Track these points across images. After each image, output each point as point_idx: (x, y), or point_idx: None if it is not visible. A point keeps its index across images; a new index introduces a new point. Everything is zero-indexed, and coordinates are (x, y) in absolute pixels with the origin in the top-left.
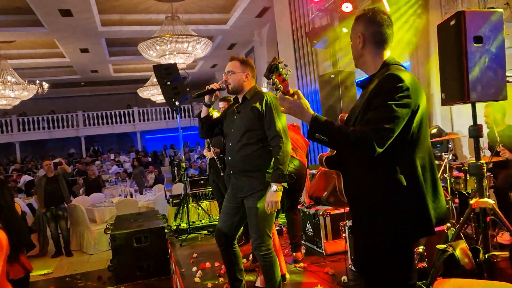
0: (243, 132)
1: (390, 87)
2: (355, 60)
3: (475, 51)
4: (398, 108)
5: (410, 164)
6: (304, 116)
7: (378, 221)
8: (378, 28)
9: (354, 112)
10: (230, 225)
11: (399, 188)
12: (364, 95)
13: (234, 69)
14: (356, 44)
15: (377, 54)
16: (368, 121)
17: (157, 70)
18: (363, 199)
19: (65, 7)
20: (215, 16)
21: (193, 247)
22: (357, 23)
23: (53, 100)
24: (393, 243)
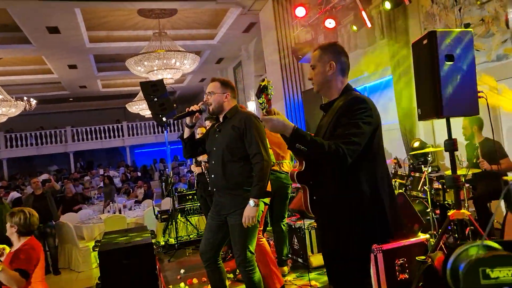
0: (224, 150)
1: (357, 107)
2: (320, 86)
3: (447, 68)
4: (364, 125)
5: (372, 176)
6: (287, 129)
7: (344, 229)
8: (344, 58)
9: (320, 131)
10: (213, 242)
11: (363, 198)
12: (330, 116)
13: (214, 89)
14: (325, 71)
15: (341, 81)
16: (339, 136)
17: (144, 87)
18: (330, 209)
19: (52, 24)
20: (202, 31)
21: (180, 263)
22: (325, 52)
23: (41, 116)
24: (359, 248)
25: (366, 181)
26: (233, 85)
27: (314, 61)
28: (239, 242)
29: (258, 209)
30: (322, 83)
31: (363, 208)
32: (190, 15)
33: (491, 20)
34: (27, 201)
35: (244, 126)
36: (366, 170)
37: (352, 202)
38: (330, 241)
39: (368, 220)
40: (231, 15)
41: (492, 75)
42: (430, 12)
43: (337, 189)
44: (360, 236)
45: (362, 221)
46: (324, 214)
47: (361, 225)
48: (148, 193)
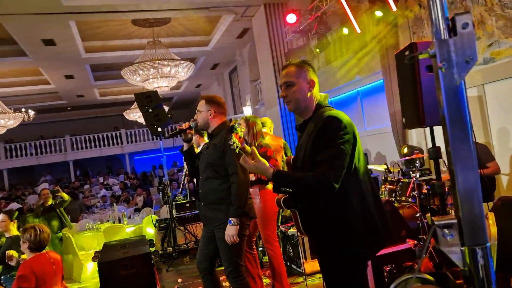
0: (208, 167)
1: (332, 128)
2: (298, 103)
3: (428, 79)
4: (343, 146)
5: (356, 189)
6: (266, 174)
7: (336, 243)
8: (316, 76)
9: (299, 153)
10: (207, 253)
11: (350, 211)
12: (306, 137)
13: (200, 108)
14: (304, 89)
15: (314, 99)
16: (321, 162)
17: (138, 98)
18: (320, 227)
19: (48, 36)
20: (197, 38)
21: (179, 272)
22: (303, 69)
23: (40, 126)
24: (353, 260)
25: (352, 194)
26: (220, 101)
27: (290, 77)
28: (225, 255)
29: (237, 228)
30: (300, 102)
31: (354, 223)
32: (184, 23)
33: (477, 24)
34: (36, 212)
35: (223, 145)
36: (351, 185)
37: (342, 219)
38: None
39: (359, 234)
40: (224, 22)
41: (480, 77)
42: (418, 16)
43: (325, 209)
44: (353, 250)
45: (353, 235)
46: (316, 234)
47: (352, 239)
48: (147, 201)
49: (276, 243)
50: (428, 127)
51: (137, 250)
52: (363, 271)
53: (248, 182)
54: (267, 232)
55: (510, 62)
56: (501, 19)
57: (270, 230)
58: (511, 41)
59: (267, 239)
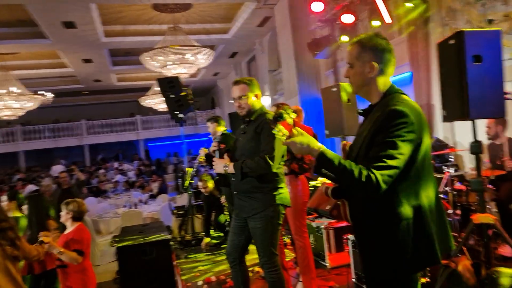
0: (245, 154)
1: (394, 123)
2: (358, 88)
3: (475, 70)
4: (402, 144)
5: (415, 197)
6: (312, 153)
7: (385, 253)
8: (388, 56)
9: (358, 142)
10: (238, 243)
11: (404, 221)
12: (367, 125)
13: (242, 92)
14: (364, 72)
15: (383, 83)
16: (373, 159)
17: (161, 84)
18: (369, 230)
19: (68, 19)
20: (217, 25)
21: (198, 260)
22: (364, 49)
23: (56, 109)
24: (399, 274)
25: (408, 202)
26: (257, 82)
27: (351, 58)
28: (261, 244)
29: (222, 169)
30: (360, 86)
31: (402, 233)
32: (204, 9)
33: None
34: (54, 195)
35: (261, 130)
36: (407, 190)
37: (389, 226)
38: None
39: (407, 246)
40: (246, 9)
41: None
42: (452, 7)
43: (372, 210)
44: (396, 263)
45: (400, 247)
46: (360, 232)
47: (398, 251)
48: (162, 187)
49: (306, 235)
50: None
51: (156, 235)
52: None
53: (271, 170)
54: (297, 223)
55: None
56: None
57: (299, 221)
58: None
59: (296, 230)
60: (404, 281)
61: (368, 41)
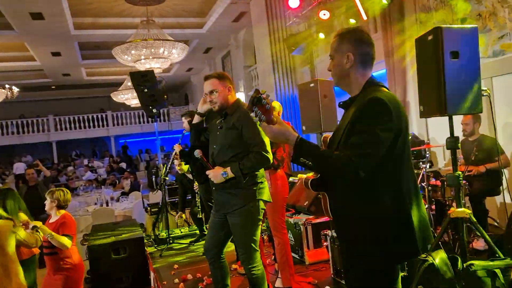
0: (224, 149)
1: (374, 112)
2: (338, 79)
3: (452, 66)
4: (381, 133)
5: (395, 188)
6: (289, 141)
7: (365, 245)
8: (366, 48)
9: (338, 134)
10: (217, 240)
11: (385, 212)
12: (347, 118)
13: (214, 87)
14: (342, 63)
15: (362, 75)
16: (352, 146)
17: (134, 77)
18: (349, 223)
19: (36, 10)
20: (191, 20)
21: (173, 258)
22: (343, 41)
23: (23, 104)
24: (380, 265)
25: (387, 194)
26: (229, 75)
27: (332, 50)
28: (241, 241)
29: (221, 178)
30: (339, 77)
31: (383, 222)
32: (179, 3)
33: (488, 16)
34: (20, 192)
35: (241, 124)
36: (387, 180)
37: (371, 217)
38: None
39: (390, 237)
40: (221, 4)
41: (488, 71)
42: (426, 5)
43: (352, 200)
44: (379, 253)
45: (382, 237)
46: (341, 225)
47: (380, 240)
48: (134, 185)
49: (285, 231)
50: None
51: (129, 233)
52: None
53: (269, 161)
54: (276, 219)
55: None
56: None
57: (279, 217)
58: None
59: (275, 225)
60: (385, 273)
61: (346, 34)
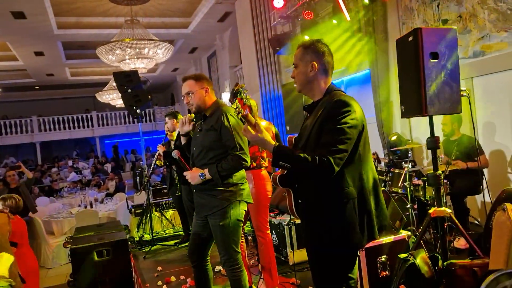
0: (203, 151)
1: (340, 111)
2: (302, 86)
3: (432, 66)
4: (349, 130)
5: (359, 178)
6: (268, 147)
7: (330, 232)
8: (327, 57)
9: (303, 134)
10: (200, 242)
11: (351, 200)
12: (313, 119)
13: (191, 88)
14: (307, 71)
15: (324, 82)
16: (324, 144)
17: (117, 78)
18: (314, 213)
19: (18, 9)
20: (176, 20)
21: (157, 260)
22: (306, 51)
23: (6, 105)
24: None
25: (353, 183)
26: (207, 77)
27: (296, 59)
28: (222, 242)
29: (199, 180)
30: (303, 84)
31: (349, 211)
32: (163, 3)
33: (469, 17)
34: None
35: (220, 125)
36: (352, 172)
37: (338, 205)
38: (315, 242)
39: (354, 223)
40: (206, 4)
41: (469, 71)
42: (409, 6)
43: (322, 192)
44: (345, 239)
45: (348, 224)
46: (309, 217)
47: (346, 227)
48: (119, 186)
49: (268, 231)
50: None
51: (112, 235)
52: (350, 261)
53: (247, 163)
54: (259, 219)
55: (500, 56)
56: (494, 12)
57: (262, 217)
58: (503, 35)
59: (259, 226)
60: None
61: (310, 45)
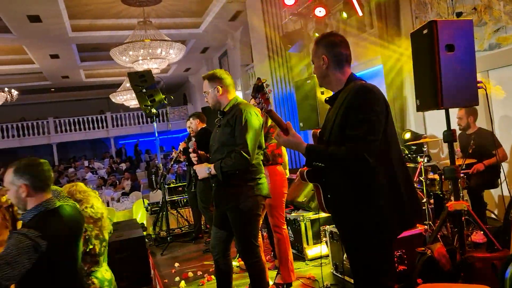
0: (220, 146)
1: (364, 99)
2: (320, 80)
3: (447, 59)
4: (376, 118)
5: (387, 165)
6: (299, 149)
7: (360, 221)
8: (339, 49)
9: (327, 126)
10: (221, 236)
11: (380, 189)
12: (335, 111)
13: (205, 88)
14: (320, 66)
15: (340, 73)
16: (354, 137)
17: (132, 78)
18: (344, 205)
19: (33, 13)
20: (187, 20)
21: (174, 256)
22: (318, 46)
23: (22, 107)
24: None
25: (383, 172)
26: (223, 75)
27: (312, 56)
28: (240, 235)
29: (205, 174)
30: (320, 78)
31: (381, 200)
32: (175, 3)
33: (484, 9)
34: None
35: (235, 121)
36: (382, 161)
37: (369, 195)
38: (347, 236)
39: (386, 212)
40: (217, 3)
41: (484, 64)
42: (421, 0)
43: (352, 184)
44: (378, 228)
45: (381, 213)
46: (339, 210)
47: (378, 217)
48: (135, 185)
49: (284, 226)
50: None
51: (130, 233)
52: (388, 250)
53: (250, 163)
54: (276, 214)
55: None
56: (509, 3)
57: (278, 213)
58: None
59: (275, 222)
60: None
61: (321, 40)
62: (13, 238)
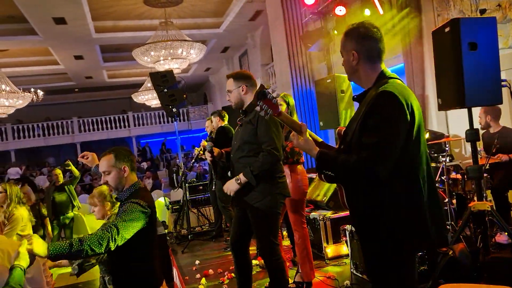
0: (242, 145)
1: (384, 104)
2: (349, 75)
3: (470, 57)
4: (394, 128)
5: (411, 176)
6: (311, 153)
7: (383, 234)
8: (371, 43)
9: (351, 127)
10: (241, 233)
11: (401, 201)
12: (359, 111)
13: (229, 87)
14: (350, 60)
15: (371, 69)
16: (368, 146)
17: (153, 78)
18: (367, 213)
19: (59, 15)
20: (208, 20)
21: (194, 254)
22: (348, 39)
23: (47, 107)
24: (398, 253)
25: (404, 183)
26: (248, 74)
27: (340, 48)
28: (260, 234)
29: (236, 185)
30: (349, 73)
31: (401, 213)
32: (196, 4)
33: (508, 6)
34: (48, 192)
35: (257, 119)
36: (404, 171)
37: (389, 207)
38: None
39: (403, 232)
40: (238, 3)
41: (509, 62)
42: None
43: (370, 198)
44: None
45: (397, 233)
46: (358, 216)
47: (395, 236)
48: (156, 184)
49: (305, 225)
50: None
51: None
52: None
53: (279, 160)
54: (296, 213)
55: None
56: None
57: (299, 212)
58: None
59: (295, 221)
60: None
61: (351, 31)
62: (128, 206)
